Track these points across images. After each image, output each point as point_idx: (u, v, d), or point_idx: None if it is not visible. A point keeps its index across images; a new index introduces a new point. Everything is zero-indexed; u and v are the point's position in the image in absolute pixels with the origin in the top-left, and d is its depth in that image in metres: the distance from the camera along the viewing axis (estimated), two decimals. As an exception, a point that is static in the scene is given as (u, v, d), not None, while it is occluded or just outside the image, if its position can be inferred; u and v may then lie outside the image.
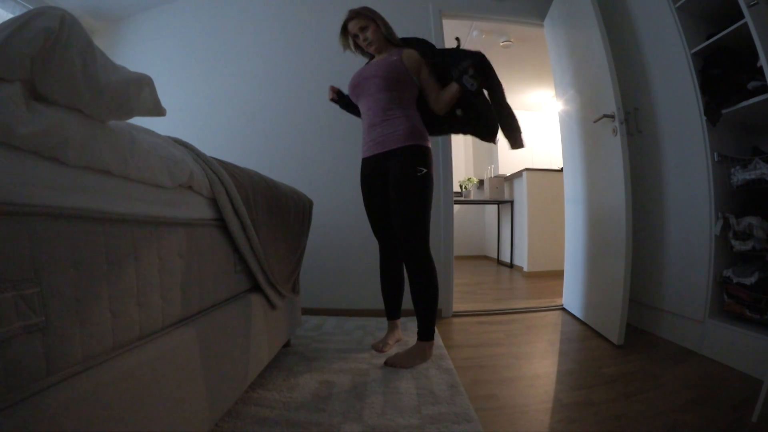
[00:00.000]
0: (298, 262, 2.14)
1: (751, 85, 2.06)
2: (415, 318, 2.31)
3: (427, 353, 2.22)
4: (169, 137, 1.19)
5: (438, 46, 3.29)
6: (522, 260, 5.77)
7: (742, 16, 1.97)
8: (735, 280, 2.17)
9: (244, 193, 1.44)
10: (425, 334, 2.23)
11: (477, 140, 2.47)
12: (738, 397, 1.75)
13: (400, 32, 2.34)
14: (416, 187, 2.14)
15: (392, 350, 2.38)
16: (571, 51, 3.16)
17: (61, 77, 0.66)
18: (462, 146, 8.21)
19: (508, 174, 6.59)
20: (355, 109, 2.57)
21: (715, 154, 2.25)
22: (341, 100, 2.58)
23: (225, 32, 3.66)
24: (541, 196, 5.54)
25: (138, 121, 0.98)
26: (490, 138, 2.33)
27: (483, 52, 2.17)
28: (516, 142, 2.28)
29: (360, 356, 2.25)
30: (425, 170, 2.15)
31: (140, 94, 0.83)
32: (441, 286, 3.20)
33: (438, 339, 2.56)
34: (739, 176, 2.16)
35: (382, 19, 2.34)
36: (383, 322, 2.84)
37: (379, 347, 2.38)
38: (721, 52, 2.26)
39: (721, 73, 2.23)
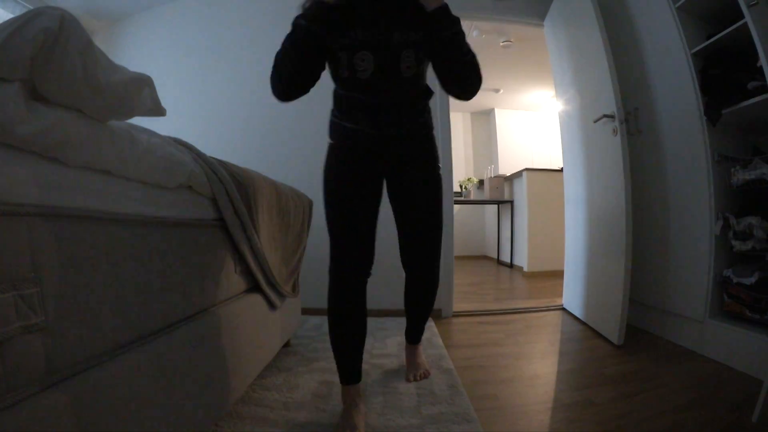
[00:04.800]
0: (298, 262, 2.14)
1: (751, 85, 2.06)
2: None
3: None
4: (169, 137, 1.19)
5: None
6: (522, 260, 5.77)
7: (742, 16, 1.97)
8: (735, 280, 2.17)
9: (244, 193, 1.44)
10: (419, 338, 2.12)
11: (477, 141, 2.34)
12: (738, 397, 1.75)
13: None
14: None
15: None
16: (571, 51, 3.17)
17: (61, 77, 0.66)
18: (462, 146, 8.21)
19: (508, 174, 6.60)
20: None
21: (715, 154, 2.25)
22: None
23: (225, 32, 3.65)
24: (541, 196, 5.54)
25: (138, 121, 0.98)
26: None
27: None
28: None
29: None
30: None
31: (140, 94, 0.83)
32: (441, 286, 3.21)
33: (438, 339, 2.57)
34: (739, 176, 2.16)
35: None
36: (383, 322, 2.84)
37: None
38: (721, 52, 2.26)
39: (721, 73, 2.23)
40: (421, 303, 1.94)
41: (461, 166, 8.05)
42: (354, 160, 1.61)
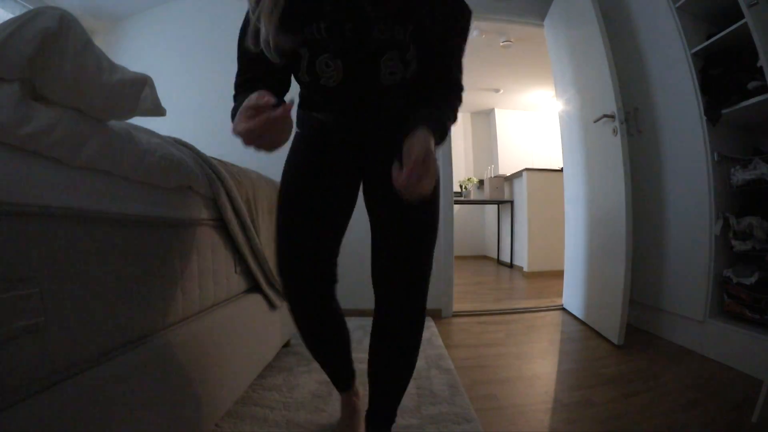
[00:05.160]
0: (298, 262, 2.14)
1: (751, 85, 2.05)
2: None
3: None
4: (169, 137, 1.19)
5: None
6: (522, 260, 5.76)
7: (742, 16, 1.97)
8: (735, 280, 2.16)
9: (244, 193, 1.44)
10: (392, 418, 1.36)
11: (477, 141, 2.09)
12: (738, 397, 1.75)
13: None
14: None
15: None
16: (571, 51, 3.16)
17: (61, 77, 0.66)
18: (462, 146, 8.21)
19: (508, 174, 6.59)
20: None
21: (715, 154, 2.25)
22: None
23: (225, 31, 3.64)
24: (541, 196, 5.54)
25: (138, 121, 0.98)
26: None
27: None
28: None
29: (360, 356, 2.23)
30: None
31: (140, 94, 0.83)
32: (441, 286, 3.21)
33: (438, 339, 2.56)
34: (739, 176, 2.16)
35: None
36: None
37: None
38: (721, 52, 2.26)
39: (721, 73, 2.23)
40: (396, 350, 1.25)
41: (461, 166, 8.04)
42: (322, 145, 1.22)
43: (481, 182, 7.27)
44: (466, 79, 1.15)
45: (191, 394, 1.07)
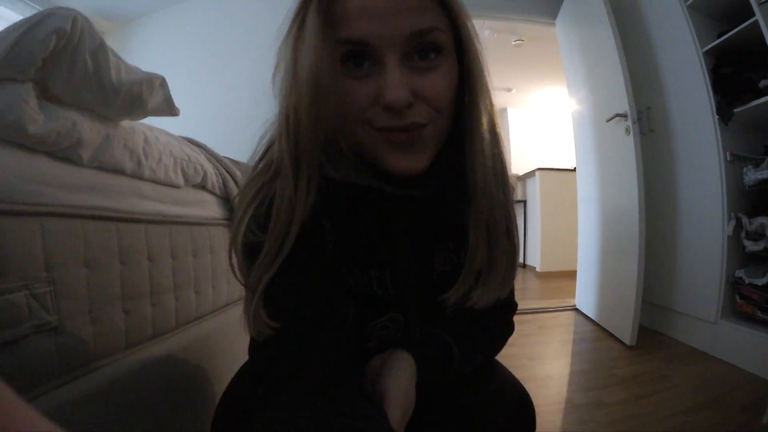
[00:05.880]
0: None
1: (763, 83, 2.03)
2: None
3: None
4: (182, 137, 1.20)
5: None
6: (535, 260, 5.73)
7: (753, 14, 1.95)
8: (747, 281, 2.14)
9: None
10: None
11: None
12: (749, 398, 1.73)
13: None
14: None
15: None
16: (583, 50, 3.15)
17: (73, 78, 0.66)
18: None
19: (520, 173, 6.55)
20: None
21: (727, 153, 2.23)
22: None
23: (237, 30, 3.65)
24: (554, 195, 5.48)
25: (151, 121, 0.99)
26: None
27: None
28: None
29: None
30: None
31: (153, 94, 0.84)
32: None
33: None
34: (752, 176, 2.13)
35: None
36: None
37: None
38: (732, 51, 2.24)
39: (733, 72, 2.21)
40: None
41: (473, 166, 7.98)
42: None
43: (493, 182, 7.24)
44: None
45: (202, 393, 1.08)
